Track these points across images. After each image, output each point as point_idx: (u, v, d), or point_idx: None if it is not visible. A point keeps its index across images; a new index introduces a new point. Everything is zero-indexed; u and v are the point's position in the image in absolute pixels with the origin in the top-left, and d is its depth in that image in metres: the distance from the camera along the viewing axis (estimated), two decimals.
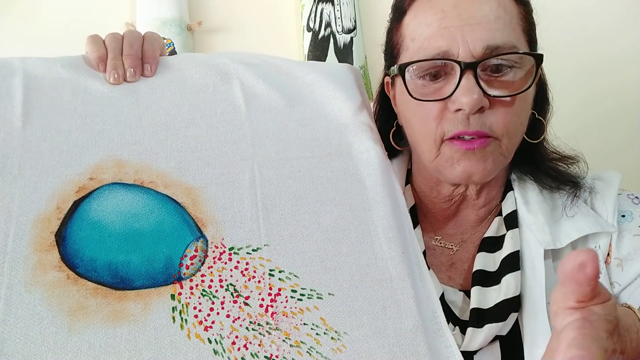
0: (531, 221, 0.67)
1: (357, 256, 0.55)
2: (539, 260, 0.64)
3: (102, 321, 0.47)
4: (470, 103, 0.59)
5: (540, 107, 0.70)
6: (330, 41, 1.23)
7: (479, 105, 0.60)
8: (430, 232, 0.72)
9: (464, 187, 0.70)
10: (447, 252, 0.71)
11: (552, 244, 0.65)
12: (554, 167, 0.70)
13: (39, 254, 0.49)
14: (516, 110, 0.62)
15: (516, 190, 0.70)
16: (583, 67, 1.22)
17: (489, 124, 0.61)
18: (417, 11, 0.65)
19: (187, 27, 1.22)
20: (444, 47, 0.61)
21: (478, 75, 0.60)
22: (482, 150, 0.62)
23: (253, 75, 0.64)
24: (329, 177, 0.59)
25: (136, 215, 0.53)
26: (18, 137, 0.55)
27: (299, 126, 0.62)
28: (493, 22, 0.61)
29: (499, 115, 0.62)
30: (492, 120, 0.61)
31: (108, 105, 0.59)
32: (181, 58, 0.66)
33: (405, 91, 0.65)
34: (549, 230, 0.65)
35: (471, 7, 0.61)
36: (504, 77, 0.62)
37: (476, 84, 0.60)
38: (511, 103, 0.62)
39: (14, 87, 0.58)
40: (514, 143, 0.65)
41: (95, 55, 0.62)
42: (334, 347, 0.50)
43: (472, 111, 0.60)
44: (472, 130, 0.61)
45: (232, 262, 0.52)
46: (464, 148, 0.62)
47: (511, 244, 0.66)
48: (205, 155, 0.57)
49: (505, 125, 0.62)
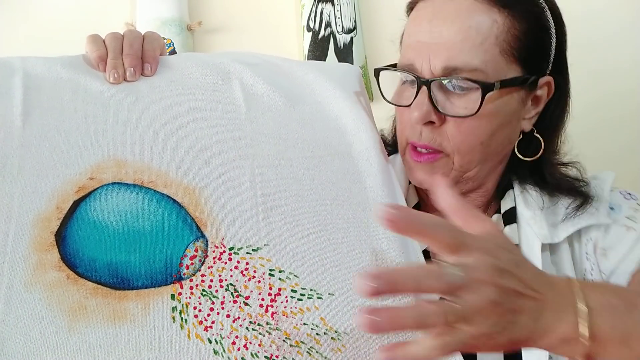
0: (529, 216, 0.68)
1: (357, 256, 0.55)
2: (537, 254, 0.66)
3: (102, 321, 0.47)
4: (417, 117, 0.64)
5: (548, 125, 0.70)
6: (330, 41, 1.23)
7: (424, 119, 0.64)
8: None
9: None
10: None
11: (549, 238, 0.67)
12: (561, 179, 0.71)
13: (38, 254, 0.49)
14: (471, 129, 0.65)
15: (516, 189, 0.72)
16: (588, 71, 1.22)
17: (439, 140, 0.66)
18: (411, 18, 0.69)
19: (187, 27, 1.22)
20: (411, 60, 0.66)
21: (433, 92, 0.63)
22: (430, 164, 0.67)
23: (253, 74, 0.64)
24: (329, 177, 0.59)
25: (136, 215, 0.52)
26: (18, 137, 0.54)
27: (299, 126, 0.62)
28: (459, 42, 0.63)
29: (453, 131, 0.65)
30: (443, 137, 0.65)
31: (108, 105, 0.59)
32: (181, 58, 0.66)
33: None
34: (546, 224, 0.67)
35: (442, 25, 0.64)
36: (462, 98, 0.64)
37: (428, 100, 0.63)
38: (464, 122, 0.64)
39: (13, 87, 0.58)
40: (470, 160, 0.67)
41: (95, 54, 0.62)
42: (334, 347, 0.50)
43: (419, 123, 0.65)
44: (422, 143, 0.66)
45: (232, 262, 0.52)
46: (414, 159, 0.68)
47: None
48: (205, 155, 0.57)
49: (456, 143, 0.65)
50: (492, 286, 0.39)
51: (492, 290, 0.39)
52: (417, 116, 0.64)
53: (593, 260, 0.68)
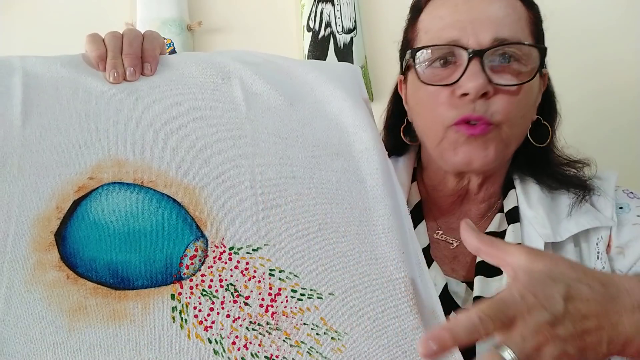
0: (532, 216, 0.69)
1: (357, 256, 0.55)
2: None
3: (102, 321, 0.47)
4: (475, 87, 0.63)
5: (548, 114, 0.73)
6: (330, 41, 1.23)
7: (483, 90, 0.64)
8: (434, 227, 0.75)
9: (466, 180, 0.73)
10: (449, 246, 0.73)
11: (552, 237, 0.67)
12: (560, 172, 0.73)
13: (38, 254, 0.49)
14: (519, 100, 0.66)
15: (518, 188, 0.73)
16: (583, 66, 1.22)
17: (491, 111, 0.65)
18: (432, 8, 0.70)
19: (187, 27, 1.22)
20: (454, 36, 0.66)
21: (484, 63, 0.64)
22: (483, 137, 0.66)
23: (253, 74, 0.64)
24: (329, 177, 0.59)
25: (136, 215, 0.52)
26: (17, 136, 0.54)
27: (299, 125, 0.62)
28: (501, 18, 0.65)
29: (503, 102, 0.65)
30: (495, 108, 0.65)
31: (108, 104, 0.59)
32: (181, 57, 0.66)
33: (415, 83, 0.70)
34: (549, 224, 0.68)
35: (481, 4, 0.66)
36: (509, 68, 0.65)
37: (482, 71, 0.64)
38: (515, 93, 0.65)
39: (13, 86, 0.58)
40: (514, 133, 0.68)
41: (95, 54, 0.62)
42: (334, 347, 0.50)
43: (477, 95, 0.64)
44: (476, 115, 0.65)
45: (232, 261, 0.52)
46: (467, 133, 0.65)
47: (512, 237, 0.68)
48: (205, 155, 0.57)
49: (507, 112, 0.65)
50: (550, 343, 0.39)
51: (553, 347, 0.39)
52: (475, 87, 0.63)
53: (605, 259, 0.68)
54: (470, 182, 0.73)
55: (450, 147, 0.67)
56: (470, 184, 0.73)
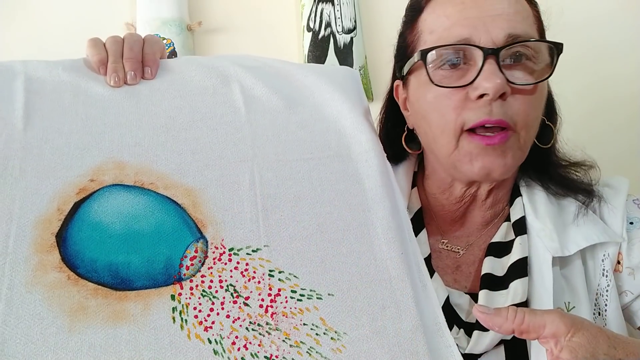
0: (539, 228, 0.66)
1: (356, 257, 0.55)
2: (547, 267, 0.64)
3: (103, 321, 0.48)
4: (495, 87, 0.59)
5: (549, 114, 0.70)
6: (330, 41, 1.23)
7: (502, 90, 0.59)
8: (436, 235, 0.72)
9: (475, 187, 0.69)
10: (453, 255, 0.71)
11: (560, 251, 0.64)
12: (565, 176, 0.70)
13: (39, 255, 0.49)
14: (535, 101, 0.63)
15: (524, 197, 0.70)
16: (592, 77, 1.22)
17: (510, 113, 0.61)
18: (435, 6, 0.66)
19: (187, 27, 1.22)
20: (465, 34, 0.61)
21: (500, 62, 0.60)
22: (502, 146, 0.61)
23: (253, 77, 0.64)
24: (328, 179, 0.59)
25: (136, 217, 0.53)
26: (19, 139, 0.55)
27: (298, 128, 0.62)
28: (512, 14, 0.62)
29: (520, 104, 0.61)
30: (514, 110, 0.61)
31: (109, 108, 0.59)
32: (181, 61, 0.67)
33: (421, 86, 0.65)
34: (557, 237, 0.65)
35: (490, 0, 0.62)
36: (522, 67, 0.62)
37: (499, 70, 0.59)
38: (531, 92, 0.62)
39: (15, 90, 0.58)
40: (530, 137, 0.64)
41: (96, 58, 0.62)
42: (334, 347, 0.50)
43: (496, 96, 0.59)
44: (495, 119, 0.60)
45: (232, 262, 0.53)
46: (484, 143, 0.61)
47: (520, 250, 0.65)
48: (205, 157, 0.58)
49: (526, 114, 0.62)
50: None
51: None
52: (494, 87, 0.59)
53: (610, 277, 0.66)
54: (480, 189, 0.69)
55: (466, 157, 0.63)
56: (479, 190, 0.69)
